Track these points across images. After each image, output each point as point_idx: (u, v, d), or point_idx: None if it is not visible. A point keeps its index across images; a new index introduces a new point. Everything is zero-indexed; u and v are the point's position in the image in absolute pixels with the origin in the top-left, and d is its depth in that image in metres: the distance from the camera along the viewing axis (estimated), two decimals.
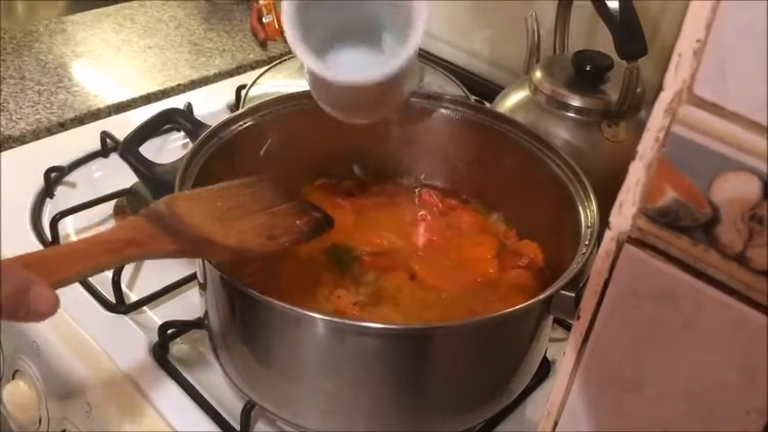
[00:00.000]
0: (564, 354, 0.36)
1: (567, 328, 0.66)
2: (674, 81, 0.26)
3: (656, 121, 0.27)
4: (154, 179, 0.59)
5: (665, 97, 0.27)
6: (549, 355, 0.62)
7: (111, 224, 0.76)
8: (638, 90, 0.68)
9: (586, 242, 0.52)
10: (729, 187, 0.26)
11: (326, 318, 0.47)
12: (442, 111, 0.67)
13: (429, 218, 0.67)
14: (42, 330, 0.63)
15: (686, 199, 0.28)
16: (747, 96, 0.25)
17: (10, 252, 0.70)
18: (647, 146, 0.28)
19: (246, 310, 0.50)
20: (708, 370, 0.30)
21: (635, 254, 0.30)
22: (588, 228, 0.54)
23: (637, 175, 0.29)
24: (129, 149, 0.59)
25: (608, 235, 0.31)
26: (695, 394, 0.31)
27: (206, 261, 0.50)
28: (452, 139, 0.68)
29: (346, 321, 0.47)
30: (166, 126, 0.66)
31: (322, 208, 0.56)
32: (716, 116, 0.26)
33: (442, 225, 0.66)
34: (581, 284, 0.49)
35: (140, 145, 0.60)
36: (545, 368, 0.62)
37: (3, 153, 0.84)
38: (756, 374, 0.28)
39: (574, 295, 0.48)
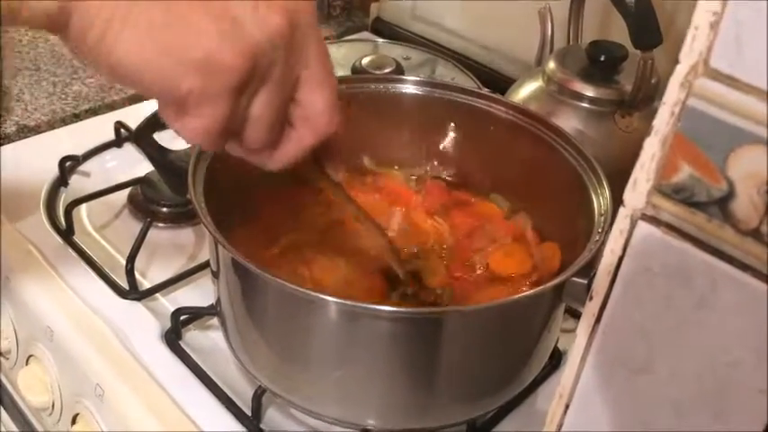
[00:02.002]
0: (576, 335, 0.36)
1: (579, 318, 0.65)
2: (689, 54, 0.26)
3: (672, 94, 0.27)
4: (167, 165, 0.59)
5: (680, 70, 0.27)
6: (560, 346, 0.62)
7: (125, 213, 0.76)
8: (653, 80, 0.68)
9: (599, 230, 0.52)
10: (745, 161, 0.26)
11: (339, 301, 0.47)
12: (455, 101, 0.67)
13: (451, 219, 0.66)
14: (56, 316, 0.64)
15: (701, 174, 0.27)
16: (763, 68, 0.25)
17: (27, 240, 0.70)
18: (663, 120, 0.28)
19: (258, 294, 0.51)
20: (721, 348, 0.30)
21: (649, 231, 0.30)
22: (601, 216, 0.53)
23: (652, 150, 0.29)
24: (142, 136, 0.60)
25: (622, 212, 0.31)
26: (708, 373, 0.31)
27: (218, 247, 0.50)
28: (464, 130, 0.68)
29: (359, 304, 0.47)
30: None
31: None
32: (732, 89, 0.26)
33: (466, 227, 0.65)
34: (593, 272, 0.48)
35: (154, 132, 0.61)
36: (556, 358, 0.62)
37: (19, 143, 0.84)
38: None
39: (586, 282, 0.48)
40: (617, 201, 0.52)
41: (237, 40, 0.37)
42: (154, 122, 0.60)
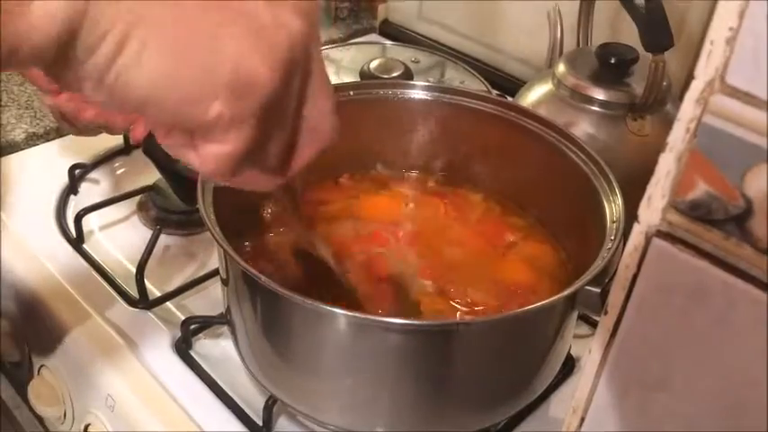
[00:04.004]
0: (590, 350, 0.36)
1: (592, 324, 0.65)
2: (705, 70, 0.26)
3: (688, 111, 0.27)
4: (176, 174, 0.59)
5: (696, 86, 0.26)
6: (573, 353, 0.61)
7: (135, 220, 0.76)
8: (664, 83, 0.67)
9: (612, 237, 0.51)
10: (763, 179, 0.26)
11: (348, 313, 0.46)
12: (464, 105, 0.66)
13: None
14: (67, 326, 0.64)
15: (718, 191, 0.27)
16: None
17: (36, 249, 0.70)
18: (678, 137, 0.27)
19: (268, 305, 0.50)
20: (738, 367, 0.29)
21: (664, 248, 0.29)
22: (613, 222, 0.53)
23: (667, 167, 0.28)
24: (152, 144, 0.59)
25: (636, 229, 0.30)
26: (725, 393, 0.30)
27: (227, 256, 0.50)
28: (474, 135, 0.67)
29: (368, 317, 0.47)
30: None
31: None
32: (749, 105, 0.25)
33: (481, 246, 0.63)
34: (606, 280, 0.48)
35: None
36: (569, 365, 0.62)
37: (28, 150, 0.85)
38: None
39: (599, 291, 0.47)
40: (630, 205, 0.51)
41: (268, 50, 0.32)
42: None
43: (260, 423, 0.56)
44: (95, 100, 0.32)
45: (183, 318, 0.63)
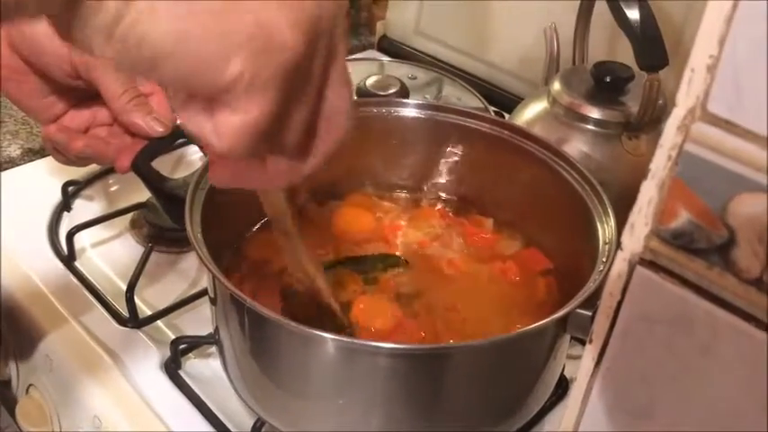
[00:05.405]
0: (576, 377, 0.35)
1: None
2: (687, 97, 0.25)
3: (669, 138, 0.26)
4: (165, 193, 0.59)
5: (677, 114, 0.26)
6: (567, 374, 0.61)
7: (128, 238, 0.76)
8: (660, 102, 0.66)
9: (604, 259, 0.51)
10: (746, 208, 0.25)
11: (336, 337, 0.46)
12: (457, 124, 0.66)
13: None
14: (56, 344, 0.63)
15: (700, 220, 0.26)
16: (763, 113, 0.24)
17: (27, 266, 0.70)
18: (660, 164, 0.27)
19: (255, 327, 0.50)
20: (724, 398, 0.29)
21: (647, 276, 0.29)
22: (606, 244, 0.52)
23: (649, 194, 0.28)
24: (141, 163, 0.59)
25: (620, 256, 0.30)
26: (710, 424, 0.29)
27: (216, 279, 0.49)
28: (467, 153, 0.67)
29: (356, 341, 0.47)
30: (182, 140, 0.66)
31: None
32: (730, 134, 0.24)
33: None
34: (598, 302, 0.47)
35: (153, 159, 0.60)
36: (562, 387, 0.61)
37: (22, 167, 0.84)
38: None
39: (590, 314, 0.47)
40: (623, 226, 0.51)
41: (293, 10, 0.30)
42: (152, 150, 0.60)
43: None
44: (107, 57, 0.29)
45: (173, 337, 0.62)
